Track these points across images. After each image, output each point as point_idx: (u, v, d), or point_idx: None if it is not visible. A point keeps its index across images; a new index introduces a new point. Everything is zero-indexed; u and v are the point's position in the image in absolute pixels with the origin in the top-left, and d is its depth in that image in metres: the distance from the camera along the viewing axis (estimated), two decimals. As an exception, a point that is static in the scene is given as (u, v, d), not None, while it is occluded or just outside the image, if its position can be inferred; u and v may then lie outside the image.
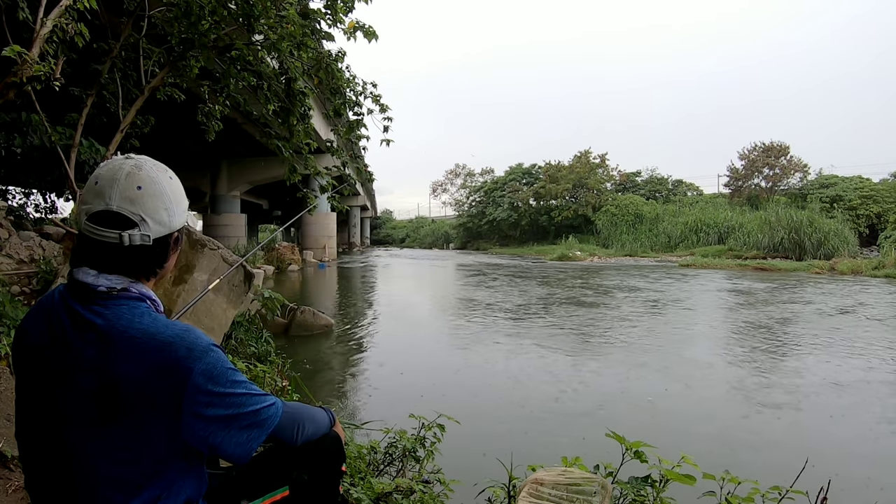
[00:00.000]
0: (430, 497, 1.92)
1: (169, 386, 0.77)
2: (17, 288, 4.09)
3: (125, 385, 0.76)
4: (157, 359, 0.77)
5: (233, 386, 0.82)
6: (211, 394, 0.79)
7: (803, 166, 28.99)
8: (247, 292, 3.73)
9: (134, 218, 0.80)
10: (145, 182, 0.82)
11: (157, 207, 0.82)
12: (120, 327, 0.78)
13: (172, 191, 0.85)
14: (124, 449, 0.77)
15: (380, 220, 64.58)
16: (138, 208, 0.80)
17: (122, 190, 0.80)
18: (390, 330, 7.20)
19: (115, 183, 0.81)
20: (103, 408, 0.76)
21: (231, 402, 0.81)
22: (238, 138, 15.70)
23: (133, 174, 0.82)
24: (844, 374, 4.73)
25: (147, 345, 0.77)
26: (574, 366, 5.04)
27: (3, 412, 2.17)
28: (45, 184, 7.92)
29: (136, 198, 0.80)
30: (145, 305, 0.84)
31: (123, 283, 0.82)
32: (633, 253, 26.35)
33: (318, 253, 23.24)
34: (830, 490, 1.45)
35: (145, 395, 0.76)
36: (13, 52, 2.53)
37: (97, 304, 0.80)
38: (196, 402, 0.78)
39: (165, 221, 0.83)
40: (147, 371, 0.76)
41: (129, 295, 0.82)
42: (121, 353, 0.77)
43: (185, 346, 0.78)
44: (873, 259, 16.77)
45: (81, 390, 0.77)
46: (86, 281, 0.81)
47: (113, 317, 0.79)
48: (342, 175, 5.31)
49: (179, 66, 3.94)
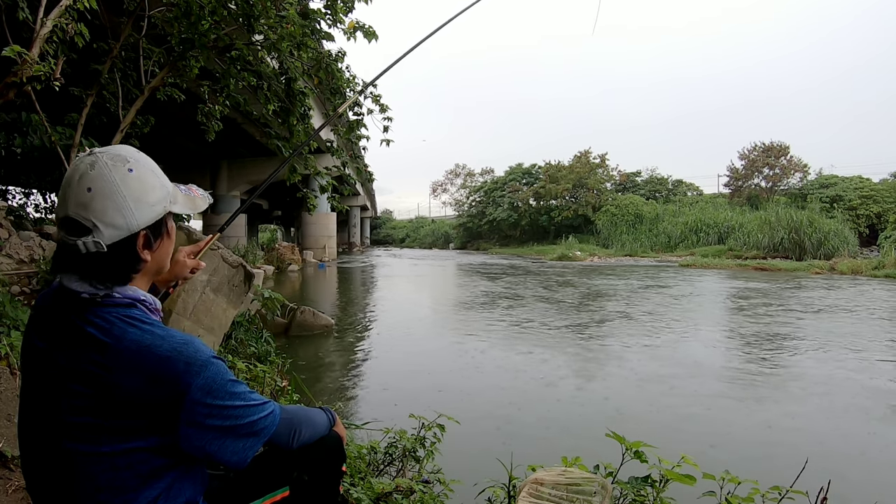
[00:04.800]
0: (430, 497, 1.92)
1: (166, 399, 0.76)
2: (17, 288, 4.09)
3: (120, 396, 0.75)
4: (155, 372, 0.75)
5: (231, 398, 0.81)
6: (209, 406, 0.79)
7: (803, 166, 29.00)
8: (247, 292, 3.73)
9: (87, 224, 0.77)
10: (96, 182, 0.77)
11: (108, 209, 0.77)
12: (111, 340, 0.76)
13: (129, 187, 0.79)
14: (121, 454, 0.77)
15: (380, 220, 64.56)
16: (89, 213, 0.77)
17: (75, 194, 0.77)
18: (390, 330, 7.20)
19: (70, 186, 0.78)
20: (98, 416, 0.76)
21: (228, 415, 0.81)
22: (238, 138, 15.70)
23: (85, 175, 0.78)
24: (845, 374, 4.73)
25: (144, 357, 0.76)
26: (574, 365, 5.05)
27: (3, 412, 2.17)
28: (45, 184, 7.92)
29: (88, 202, 0.77)
30: (138, 311, 0.81)
31: (105, 288, 0.80)
32: (633, 253, 26.35)
33: (318, 253, 23.24)
34: (830, 490, 1.45)
35: (141, 406, 0.76)
36: (13, 52, 2.54)
37: (87, 311, 0.79)
38: (194, 414, 0.77)
39: (120, 224, 0.78)
40: (143, 383, 0.75)
41: (116, 301, 0.80)
42: (117, 364, 0.75)
43: (183, 360, 0.77)
44: (873, 259, 16.77)
45: (76, 397, 0.77)
46: (71, 287, 0.80)
47: (105, 326, 0.77)
48: (342, 175, 5.32)
49: (179, 66, 3.94)
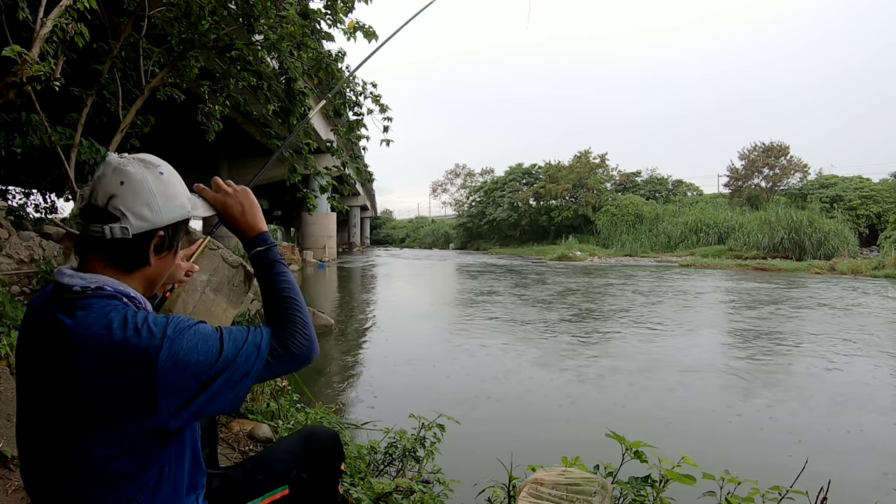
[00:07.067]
0: (430, 497, 1.92)
1: (138, 379, 0.76)
2: (17, 288, 4.08)
3: (95, 384, 0.76)
4: (122, 353, 0.76)
5: (205, 365, 0.79)
6: (183, 378, 0.77)
7: (803, 166, 29.01)
8: (247, 292, 3.73)
9: (115, 212, 0.83)
10: (129, 177, 0.84)
11: (138, 201, 0.84)
12: (86, 325, 0.77)
13: (158, 188, 0.86)
14: (110, 444, 0.77)
15: (380, 220, 64.57)
16: (119, 203, 0.83)
17: (106, 185, 0.84)
18: (390, 329, 7.19)
19: (102, 179, 0.84)
20: (79, 408, 0.76)
21: (205, 380, 0.79)
22: (238, 138, 15.72)
23: (118, 170, 0.84)
24: (846, 373, 4.73)
25: (110, 341, 0.76)
26: (574, 364, 5.05)
27: (3, 412, 2.17)
28: (45, 184, 7.90)
29: (119, 193, 0.83)
30: (118, 303, 0.82)
31: (98, 281, 0.82)
32: (633, 253, 26.35)
33: (318, 253, 23.24)
34: (830, 490, 1.45)
35: (117, 392, 0.76)
36: (13, 52, 2.54)
37: (71, 304, 0.80)
38: (169, 389, 0.77)
39: (147, 217, 0.84)
40: (113, 367, 0.75)
41: (103, 293, 0.82)
42: (88, 353, 0.76)
43: (146, 335, 0.77)
44: (873, 259, 16.78)
45: (59, 391, 0.78)
46: (62, 281, 0.82)
47: (83, 316, 0.78)
48: (342, 175, 5.32)
49: (179, 66, 3.94)
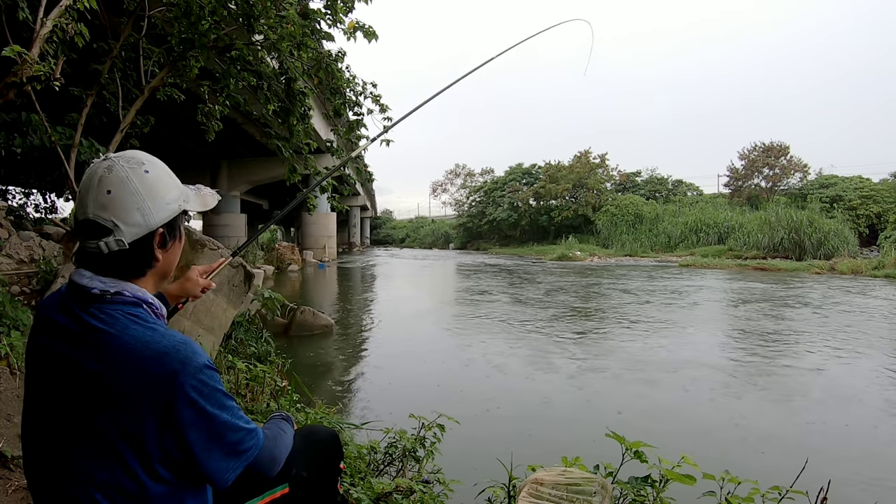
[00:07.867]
0: (430, 497, 1.92)
1: (159, 395, 0.76)
2: (17, 288, 4.08)
3: (115, 390, 0.76)
4: (150, 367, 0.76)
5: (221, 409, 0.81)
6: (200, 409, 0.78)
7: (803, 166, 28.99)
8: (247, 292, 3.73)
9: (107, 224, 0.81)
10: (114, 184, 0.82)
11: (128, 209, 0.82)
12: (115, 332, 0.78)
13: (146, 187, 0.84)
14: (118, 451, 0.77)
15: (380, 220, 64.54)
16: (110, 214, 0.81)
17: (95, 197, 0.81)
18: (390, 329, 7.20)
19: (89, 190, 0.82)
20: (95, 411, 0.76)
21: (217, 423, 0.80)
22: (238, 138, 15.71)
23: (104, 178, 0.82)
24: (846, 373, 4.73)
25: (141, 353, 0.77)
26: (574, 364, 5.05)
27: (3, 412, 2.17)
28: (45, 184, 7.90)
29: (108, 203, 0.81)
30: (142, 310, 0.83)
31: (117, 286, 0.83)
32: (633, 253, 26.34)
33: (318, 253, 23.24)
34: (830, 490, 1.45)
35: (136, 401, 0.76)
36: (13, 52, 2.53)
37: (93, 307, 0.81)
38: (184, 412, 0.77)
39: (140, 222, 0.83)
40: (138, 378, 0.76)
41: (124, 299, 0.83)
42: (114, 359, 0.77)
43: (179, 359, 0.77)
44: (873, 259, 16.77)
45: (75, 392, 0.78)
46: (81, 283, 0.83)
47: (109, 321, 0.79)
48: (342, 175, 5.31)
49: (179, 66, 3.94)
